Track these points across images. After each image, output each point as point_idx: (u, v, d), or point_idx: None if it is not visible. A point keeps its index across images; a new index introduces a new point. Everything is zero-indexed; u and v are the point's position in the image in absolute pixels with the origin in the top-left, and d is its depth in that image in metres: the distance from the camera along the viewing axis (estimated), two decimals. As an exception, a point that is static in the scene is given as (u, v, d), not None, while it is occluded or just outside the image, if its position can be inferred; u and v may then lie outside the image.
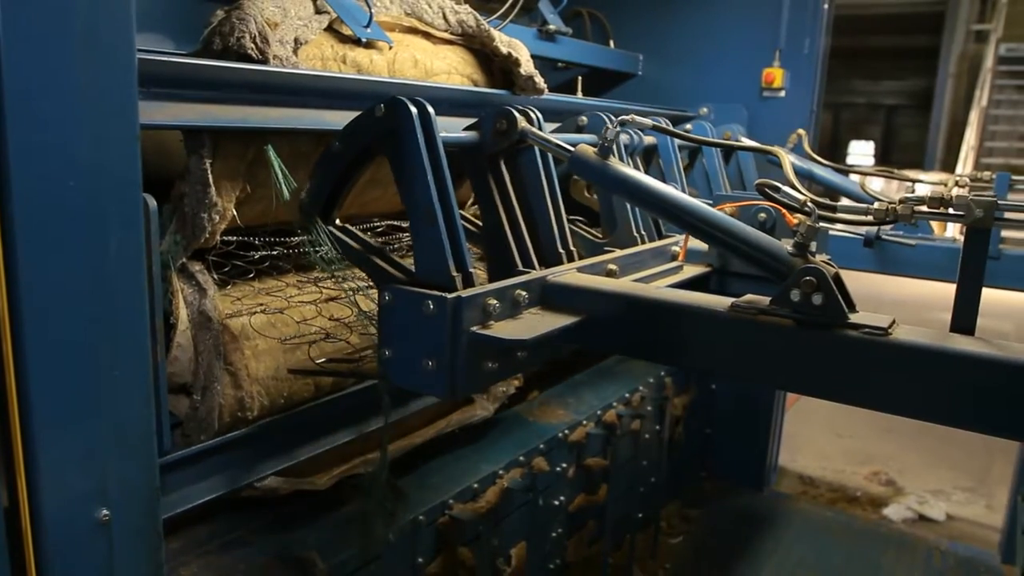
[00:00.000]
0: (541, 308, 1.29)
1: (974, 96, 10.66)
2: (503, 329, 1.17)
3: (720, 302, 1.18)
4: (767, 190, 1.34)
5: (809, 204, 1.25)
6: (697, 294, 1.25)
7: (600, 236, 1.82)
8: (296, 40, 1.55)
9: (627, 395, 2.47)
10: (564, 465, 2.13)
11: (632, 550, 2.62)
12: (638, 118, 1.40)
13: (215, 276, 1.47)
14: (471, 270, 1.23)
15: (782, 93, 3.24)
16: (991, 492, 3.92)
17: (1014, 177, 2.49)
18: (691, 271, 1.72)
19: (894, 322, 1.07)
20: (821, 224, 1.20)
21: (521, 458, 1.96)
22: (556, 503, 2.12)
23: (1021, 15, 10.56)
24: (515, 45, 2.07)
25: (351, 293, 1.56)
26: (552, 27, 2.85)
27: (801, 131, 2.97)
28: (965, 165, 9.99)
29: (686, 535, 3.16)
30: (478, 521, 1.74)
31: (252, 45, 1.42)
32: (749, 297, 1.16)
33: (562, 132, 2.01)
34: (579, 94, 3.35)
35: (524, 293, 1.25)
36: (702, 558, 3.05)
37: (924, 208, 1.22)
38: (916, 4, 12.91)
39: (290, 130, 1.48)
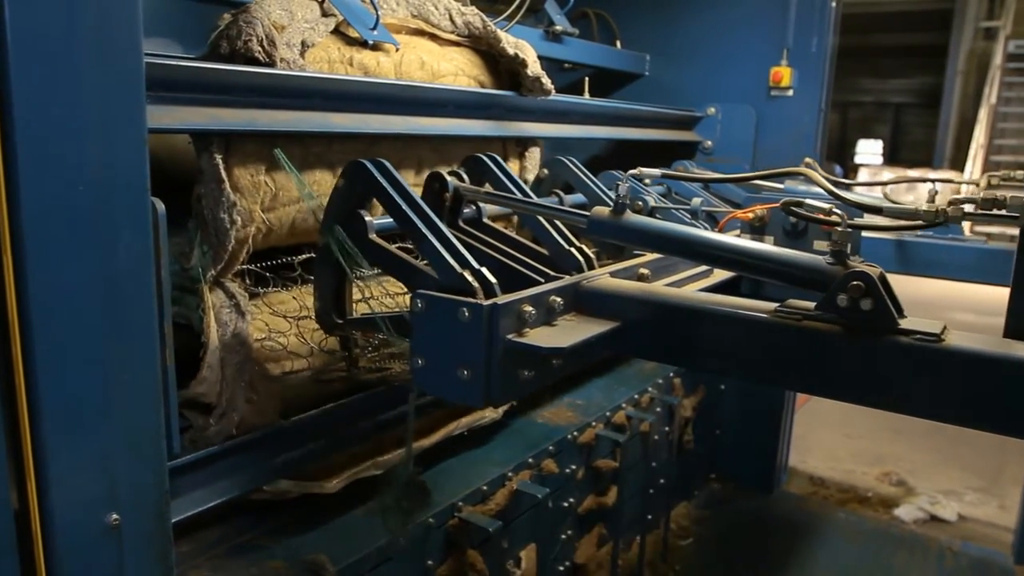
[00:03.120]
0: (576, 314, 1.26)
1: (983, 93, 10.60)
2: (539, 337, 1.14)
3: (762, 307, 1.15)
4: (792, 208, 1.31)
5: (837, 211, 1.21)
6: (737, 299, 1.20)
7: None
8: (303, 43, 1.55)
9: (636, 396, 2.46)
10: (573, 467, 2.12)
11: (642, 552, 2.61)
12: (645, 170, 1.40)
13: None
14: (480, 268, 1.22)
15: (790, 92, 3.22)
16: (1004, 492, 3.89)
17: None
18: (721, 274, 1.67)
19: (945, 328, 1.03)
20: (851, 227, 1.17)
21: (530, 460, 1.95)
22: (565, 505, 2.11)
23: (1030, 12, 10.50)
24: (522, 46, 2.07)
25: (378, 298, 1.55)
26: (559, 28, 2.85)
27: (809, 159, 2.93)
28: (974, 163, 9.93)
29: (696, 537, 3.15)
30: (488, 523, 1.74)
31: (259, 48, 1.42)
32: (792, 302, 1.12)
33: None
34: (586, 95, 3.34)
35: (559, 299, 1.22)
36: (712, 560, 3.04)
37: (974, 210, 1.19)
38: (924, 1, 12.85)
39: (298, 133, 1.49)
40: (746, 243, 1.22)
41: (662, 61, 3.47)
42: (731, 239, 1.24)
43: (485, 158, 1.65)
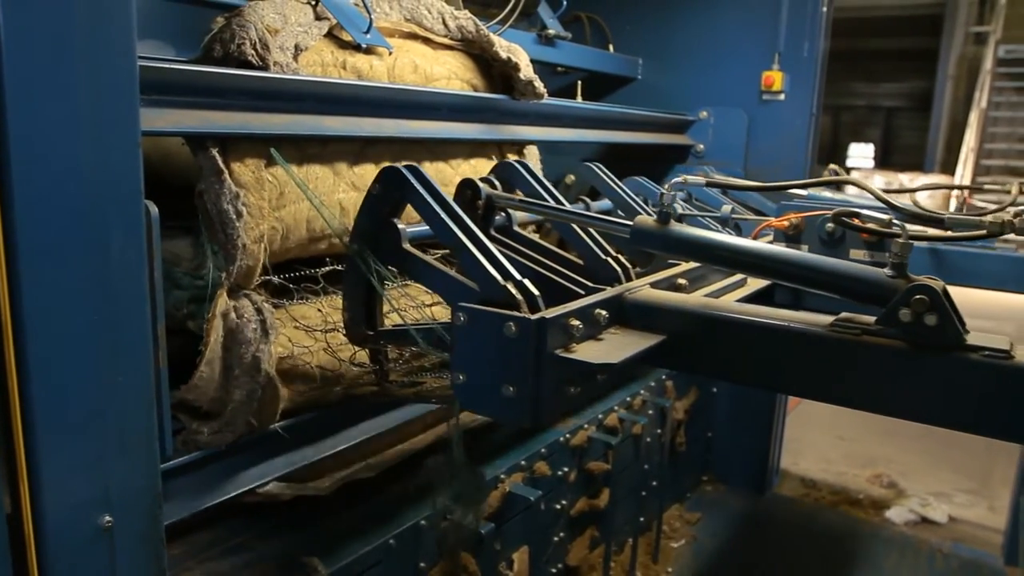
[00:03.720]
0: (620, 327, 1.21)
1: (973, 98, 10.66)
2: (588, 352, 1.10)
3: (816, 320, 1.10)
4: (845, 219, 1.27)
5: (896, 222, 1.16)
6: (789, 312, 1.16)
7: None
8: (296, 46, 1.56)
9: (628, 399, 2.47)
10: (566, 469, 2.13)
11: (634, 554, 2.62)
12: (690, 178, 1.37)
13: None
14: (522, 280, 1.17)
15: (782, 96, 3.24)
16: (993, 494, 3.91)
17: None
18: (755, 284, 1.62)
19: (1012, 343, 0.99)
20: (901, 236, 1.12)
21: (523, 462, 1.96)
22: (558, 507, 2.12)
23: (1020, 17, 10.57)
24: (514, 50, 2.08)
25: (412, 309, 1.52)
26: (551, 32, 2.86)
27: (834, 166, 2.88)
28: (965, 167, 9.99)
29: (688, 539, 3.16)
30: (480, 525, 1.74)
31: (252, 52, 1.42)
32: (848, 316, 1.08)
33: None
34: (579, 98, 3.35)
35: (603, 312, 1.17)
36: (704, 562, 3.04)
37: None
38: (915, 6, 12.92)
39: (291, 136, 1.49)
40: (803, 255, 1.17)
41: (655, 65, 3.48)
42: (787, 251, 1.18)
43: (517, 165, 1.61)
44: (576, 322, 1.11)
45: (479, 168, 2.00)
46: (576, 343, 1.11)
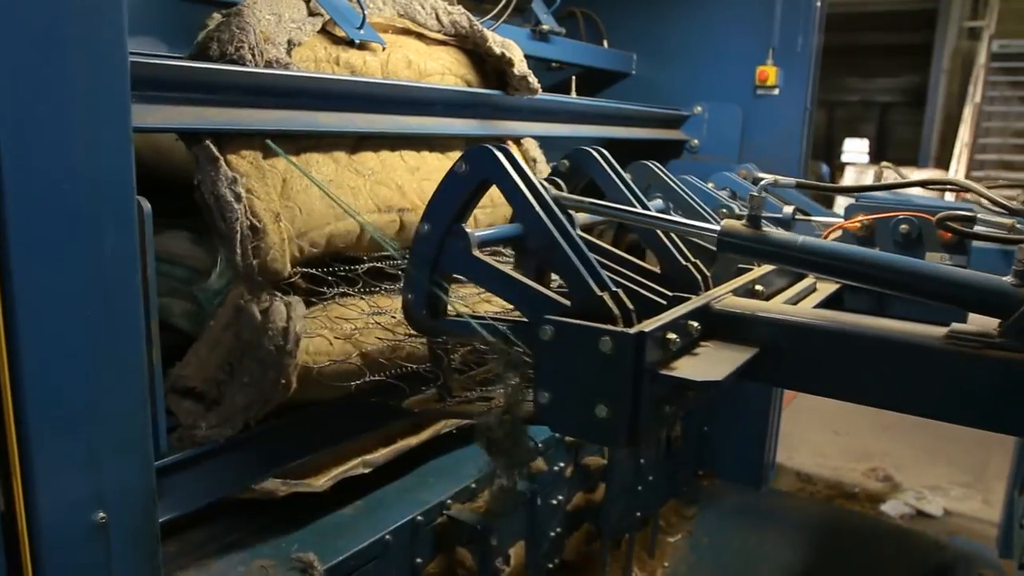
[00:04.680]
0: (709, 340, 1.14)
1: (967, 92, 10.68)
2: (689, 368, 1.03)
3: (929, 332, 1.03)
4: (951, 224, 1.20)
5: (1020, 226, 1.11)
6: (897, 323, 1.09)
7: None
8: (289, 42, 1.55)
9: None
10: (562, 464, 2.13)
11: (630, 549, 2.62)
12: (781, 179, 1.30)
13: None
14: (616, 290, 1.10)
15: (776, 91, 3.24)
16: (988, 487, 3.93)
17: None
18: (825, 288, 1.54)
19: None
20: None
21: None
22: (554, 502, 2.12)
23: (1013, 11, 10.59)
24: (508, 45, 2.07)
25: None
26: (545, 27, 2.86)
27: (887, 163, 2.76)
28: (959, 161, 10.01)
29: (684, 533, 3.16)
30: (476, 521, 1.74)
31: (251, 56, 1.42)
32: (962, 327, 1.01)
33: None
34: (573, 94, 3.35)
35: (696, 324, 1.10)
36: (701, 556, 3.05)
37: None
38: (909, 1, 12.93)
39: (285, 132, 1.48)
40: (920, 264, 1.08)
41: (649, 60, 3.48)
42: (904, 260, 1.09)
43: (594, 153, 1.50)
44: (673, 336, 1.04)
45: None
46: (673, 358, 1.05)
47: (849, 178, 10.04)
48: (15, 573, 0.90)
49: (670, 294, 1.26)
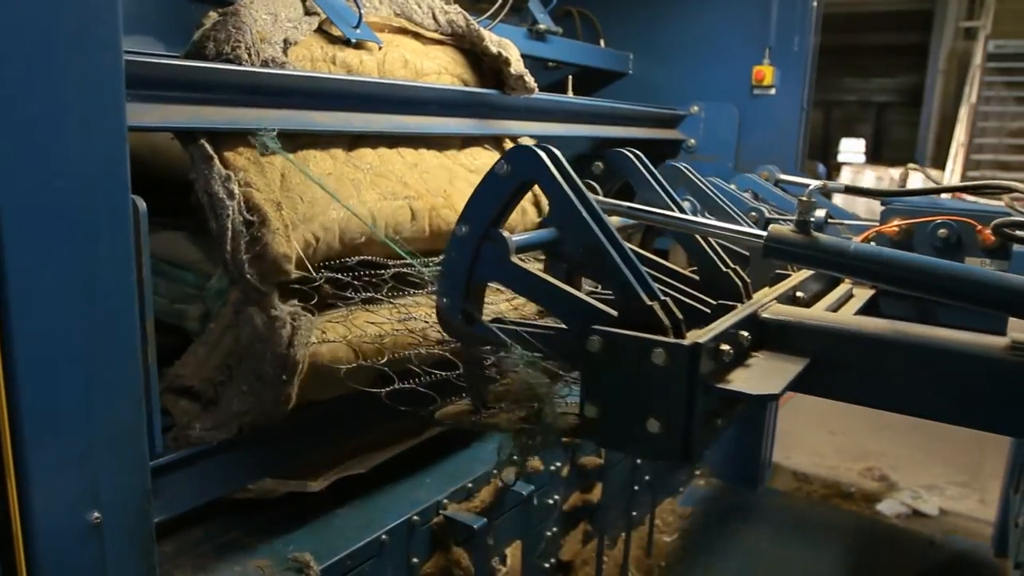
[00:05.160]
0: (758, 350, 1.10)
1: (963, 93, 10.70)
2: (744, 381, 0.99)
3: (991, 343, 0.99)
4: (1006, 230, 1.16)
5: None
6: (955, 332, 1.04)
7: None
8: (285, 41, 1.55)
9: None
10: (558, 464, 2.13)
11: (627, 548, 2.62)
12: (830, 183, 1.26)
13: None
14: (665, 299, 1.05)
15: (772, 91, 3.24)
16: (984, 486, 3.94)
17: None
18: (862, 293, 1.49)
19: None
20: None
21: (515, 457, 1.96)
22: (551, 502, 2.12)
23: (1009, 12, 10.61)
24: (505, 45, 2.07)
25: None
26: (542, 26, 2.86)
27: (912, 165, 2.74)
28: (955, 161, 10.02)
29: (681, 533, 3.17)
30: (473, 520, 1.74)
31: (247, 56, 1.41)
32: (1022, 337, 0.97)
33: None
34: (570, 93, 3.35)
35: (746, 334, 1.06)
36: (697, 556, 3.05)
37: None
38: (905, 1, 12.96)
39: (281, 131, 1.48)
40: (984, 272, 1.03)
41: (645, 60, 3.48)
42: (962, 268, 1.04)
43: (631, 156, 1.46)
44: (727, 347, 1.00)
45: (476, 158, 2.00)
46: (726, 370, 1.00)
47: (845, 178, 10.05)
48: (9, 573, 0.90)
49: (713, 302, 1.21)
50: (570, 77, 3.43)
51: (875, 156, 14.56)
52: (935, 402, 1.05)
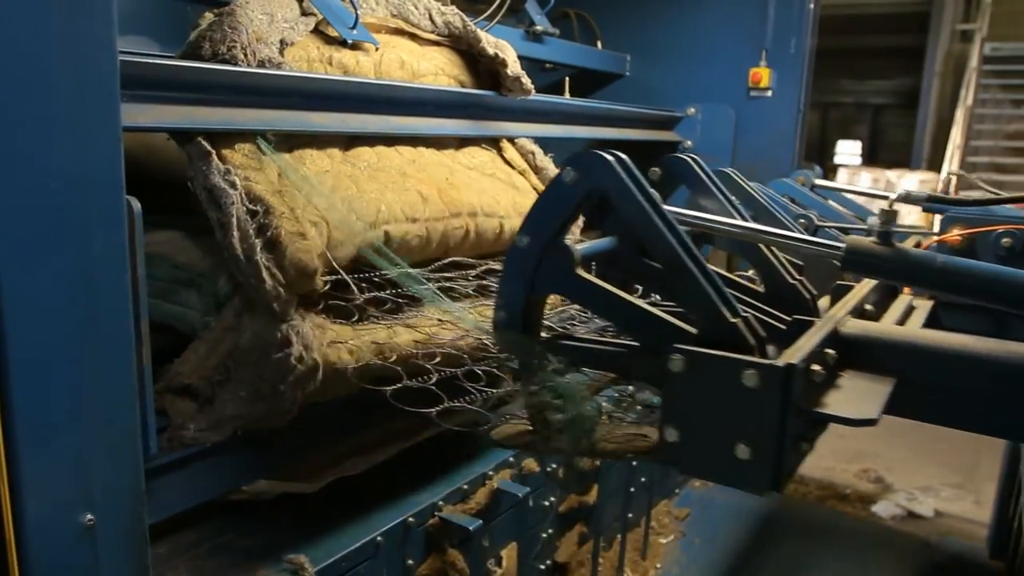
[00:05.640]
0: (843, 369, 1.04)
1: (959, 95, 10.72)
2: (839, 404, 0.93)
3: None
4: None
5: None
6: None
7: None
8: (282, 42, 1.55)
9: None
10: (554, 465, 2.13)
11: (623, 550, 2.62)
12: (913, 192, 1.21)
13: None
14: (747, 316, 1.00)
15: (769, 93, 3.25)
16: (979, 488, 3.95)
17: None
18: (922, 304, 1.44)
19: None
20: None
21: (511, 459, 1.96)
22: (546, 504, 2.12)
23: (1005, 14, 10.64)
24: (502, 46, 2.07)
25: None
26: (539, 28, 2.86)
27: (955, 171, 2.68)
28: (951, 164, 10.05)
29: (677, 534, 3.17)
30: (468, 522, 1.74)
31: (243, 56, 1.41)
32: None
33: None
34: (567, 95, 3.35)
35: (833, 352, 1.00)
36: (693, 558, 3.05)
37: None
38: (901, 4, 12.99)
39: (277, 132, 1.48)
40: None
41: (642, 61, 3.49)
42: None
43: (689, 160, 1.42)
44: (818, 367, 0.94)
45: (475, 156, 2.00)
46: (818, 392, 0.95)
47: (842, 180, 10.07)
48: (2, 574, 0.89)
49: (786, 317, 1.15)
50: (567, 79, 3.44)
51: (871, 158, 14.59)
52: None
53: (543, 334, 1.17)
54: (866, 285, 1.31)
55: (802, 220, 1.96)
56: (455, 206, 1.67)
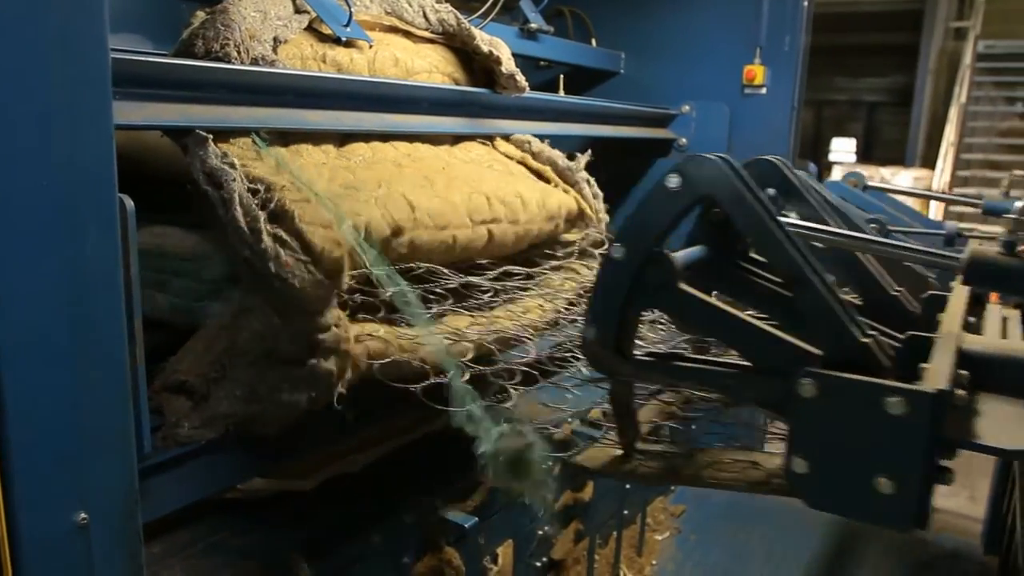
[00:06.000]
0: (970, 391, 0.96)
1: (953, 93, 10.75)
2: (990, 432, 0.86)
3: None
4: None
5: None
6: None
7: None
8: (275, 39, 1.54)
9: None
10: (549, 463, 2.13)
11: (618, 547, 2.63)
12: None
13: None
14: (872, 333, 0.94)
15: (763, 90, 3.25)
16: (973, 484, 3.96)
17: None
18: (1010, 314, 1.34)
19: None
20: None
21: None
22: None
23: (999, 12, 10.67)
24: (496, 43, 2.07)
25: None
26: (534, 25, 2.85)
27: (1017, 172, 2.56)
28: (945, 161, 10.08)
29: (672, 531, 3.17)
30: (464, 520, 1.74)
31: (236, 53, 1.41)
32: None
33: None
34: (561, 92, 3.35)
35: (966, 373, 0.92)
36: (688, 554, 3.06)
37: None
38: (895, 1, 13.02)
39: (271, 130, 1.48)
40: None
41: (637, 59, 3.48)
42: None
43: (780, 164, 1.37)
44: (962, 392, 0.87)
45: (471, 151, 1.99)
46: (963, 419, 0.88)
47: (836, 177, 10.09)
48: (-5, 574, 0.89)
49: (901, 335, 1.06)
50: (561, 76, 3.43)
51: (866, 155, 14.61)
52: None
53: (637, 353, 1.09)
54: (961, 294, 1.21)
55: (873, 224, 1.83)
56: (461, 183, 1.66)
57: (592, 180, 2.16)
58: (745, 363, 1.00)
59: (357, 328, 1.38)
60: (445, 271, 1.52)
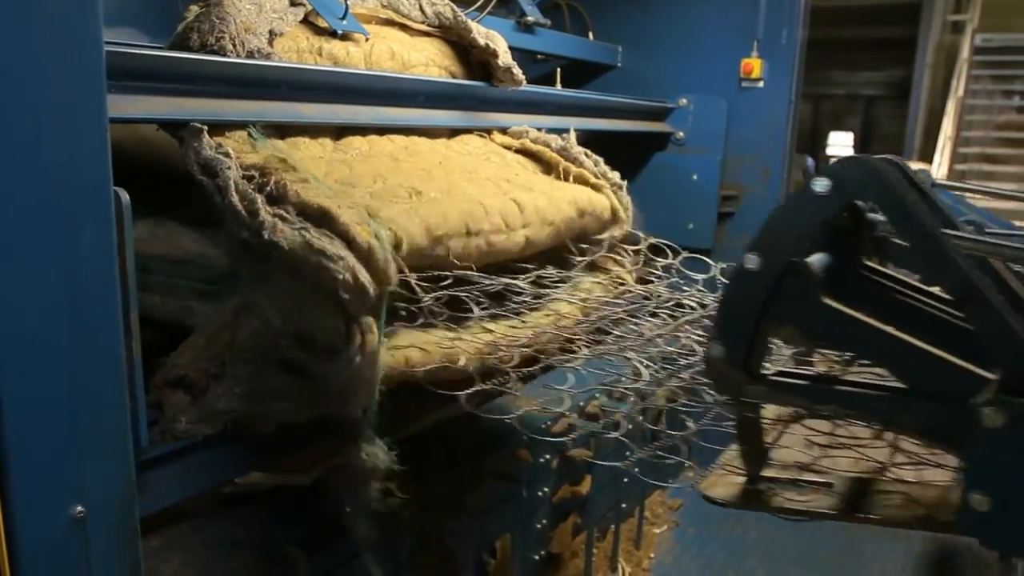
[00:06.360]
0: None
1: (951, 86, 10.75)
2: None
3: None
4: None
5: None
6: None
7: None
8: (271, 32, 1.54)
9: (610, 386, 2.47)
10: (548, 456, 2.13)
11: (616, 540, 2.63)
12: None
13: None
14: None
15: (761, 84, 3.24)
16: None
17: None
18: None
19: None
20: None
21: (502, 450, 1.96)
22: (540, 494, 2.12)
23: (996, 5, 10.66)
24: (493, 37, 2.06)
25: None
26: (530, 19, 2.85)
27: None
28: (943, 155, 10.08)
29: (670, 525, 3.18)
30: (462, 513, 1.74)
31: (231, 46, 1.40)
32: None
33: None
34: (558, 86, 3.35)
35: None
36: (686, 547, 3.07)
37: None
38: (893, -5, 13.02)
39: (267, 123, 1.47)
40: None
41: (634, 52, 3.48)
42: None
43: (899, 162, 1.21)
44: None
45: (468, 143, 1.99)
46: None
47: (834, 171, 10.08)
48: (-8, 568, 0.89)
49: None
50: (558, 69, 3.43)
51: (863, 149, 14.61)
52: None
53: (767, 373, 1.00)
54: None
55: (971, 227, 1.83)
56: (461, 176, 1.65)
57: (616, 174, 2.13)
58: (895, 384, 0.92)
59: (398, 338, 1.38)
60: (477, 275, 1.50)
